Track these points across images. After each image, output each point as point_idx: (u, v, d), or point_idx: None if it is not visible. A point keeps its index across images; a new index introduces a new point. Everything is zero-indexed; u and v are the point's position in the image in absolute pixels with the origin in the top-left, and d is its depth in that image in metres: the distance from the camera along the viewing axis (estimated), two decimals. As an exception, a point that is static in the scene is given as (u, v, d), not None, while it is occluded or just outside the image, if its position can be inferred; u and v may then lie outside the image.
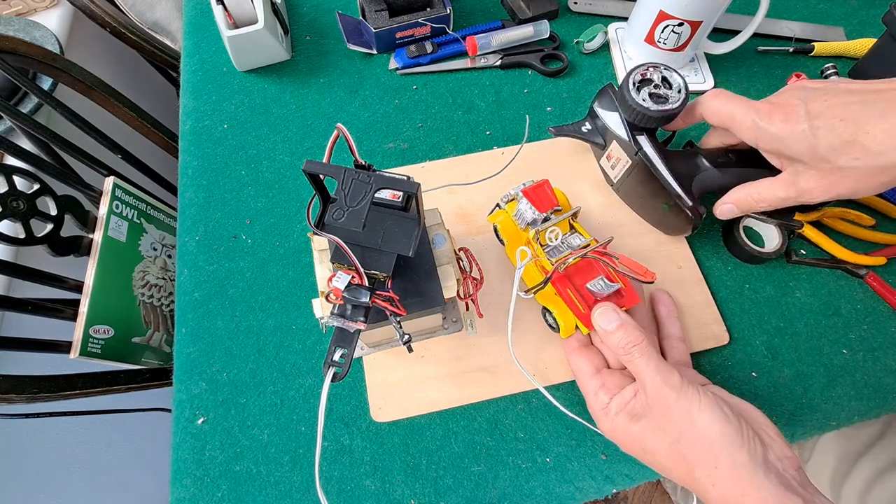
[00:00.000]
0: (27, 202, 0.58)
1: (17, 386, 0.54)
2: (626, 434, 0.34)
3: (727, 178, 0.42)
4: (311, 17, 0.60)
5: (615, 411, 0.34)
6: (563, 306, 0.39)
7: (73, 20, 0.84)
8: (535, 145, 0.51)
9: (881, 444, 0.51)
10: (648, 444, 0.33)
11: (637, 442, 0.33)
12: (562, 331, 0.39)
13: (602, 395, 0.35)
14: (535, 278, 0.40)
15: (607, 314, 0.36)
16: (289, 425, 0.41)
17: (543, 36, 0.56)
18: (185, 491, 0.39)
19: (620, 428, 0.34)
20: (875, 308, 0.44)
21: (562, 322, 0.38)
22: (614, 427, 0.34)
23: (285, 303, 0.45)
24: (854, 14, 0.59)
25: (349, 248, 0.27)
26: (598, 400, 0.35)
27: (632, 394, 0.34)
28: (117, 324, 0.62)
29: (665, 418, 0.32)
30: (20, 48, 0.58)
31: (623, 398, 0.34)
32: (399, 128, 0.53)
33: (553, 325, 0.40)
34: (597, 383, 0.36)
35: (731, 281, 0.45)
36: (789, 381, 0.42)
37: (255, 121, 0.54)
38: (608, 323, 0.35)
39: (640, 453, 0.34)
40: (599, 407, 0.35)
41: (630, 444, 0.34)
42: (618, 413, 0.34)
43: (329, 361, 0.29)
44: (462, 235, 0.47)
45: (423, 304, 0.31)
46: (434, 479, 0.39)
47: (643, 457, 0.34)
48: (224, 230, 0.48)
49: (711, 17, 0.49)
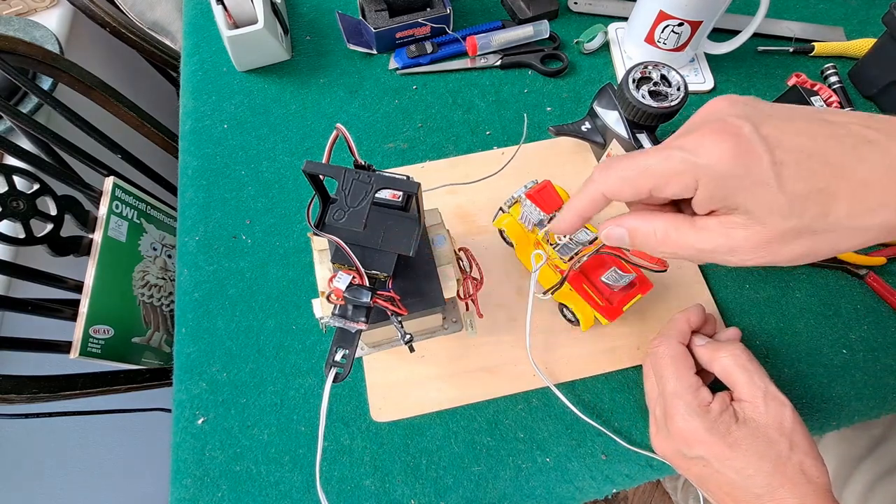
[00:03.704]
0: (27, 202, 0.58)
1: (17, 386, 0.54)
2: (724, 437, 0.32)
3: None
4: (311, 17, 0.60)
5: (719, 410, 0.33)
6: (580, 300, 0.39)
7: (73, 20, 0.84)
8: (536, 145, 0.51)
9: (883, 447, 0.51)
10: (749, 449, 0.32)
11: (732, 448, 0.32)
12: (582, 324, 0.40)
13: (705, 393, 0.34)
14: (549, 277, 0.41)
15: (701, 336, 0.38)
16: (289, 425, 0.41)
17: (543, 36, 0.56)
18: (185, 491, 0.39)
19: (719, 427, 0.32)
20: (875, 308, 0.44)
21: (581, 315, 0.40)
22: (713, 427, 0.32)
23: (285, 303, 0.45)
24: (854, 14, 0.59)
25: (350, 248, 0.27)
26: (699, 396, 0.34)
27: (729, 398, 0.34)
28: (117, 324, 0.62)
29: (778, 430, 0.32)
30: (20, 48, 0.58)
31: (724, 400, 0.34)
32: (399, 128, 0.53)
33: (572, 320, 0.42)
34: (699, 381, 0.35)
35: (731, 281, 0.45)
36: (789, 381, 0.42)
37: (255, 121, 0.54)
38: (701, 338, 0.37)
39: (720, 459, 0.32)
40: (700, 402, 0.33)
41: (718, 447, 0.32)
42: (721, 413, 0.33)
43: (330, 362, 0.29)
44: (462, 235, 0.47)
45: (423, 304, 0.31)
46: (434, 479, 0.39)
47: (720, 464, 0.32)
48: (224, 230, 0.48)
49: (711, 17, 0.49)
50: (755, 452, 0.31)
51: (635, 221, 0.28)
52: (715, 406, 0.33)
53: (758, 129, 0.23)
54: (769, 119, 0.24)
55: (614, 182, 0.27)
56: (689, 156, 0.24)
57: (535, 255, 0.38)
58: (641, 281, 0.40)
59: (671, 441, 0.35)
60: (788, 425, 0.32)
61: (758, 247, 0.24)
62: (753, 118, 0.24)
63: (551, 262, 0.40)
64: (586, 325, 0.40)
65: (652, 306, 0.44)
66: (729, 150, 0.23)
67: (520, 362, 0.42)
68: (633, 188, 0.26)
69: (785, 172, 0.23)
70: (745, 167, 0.23)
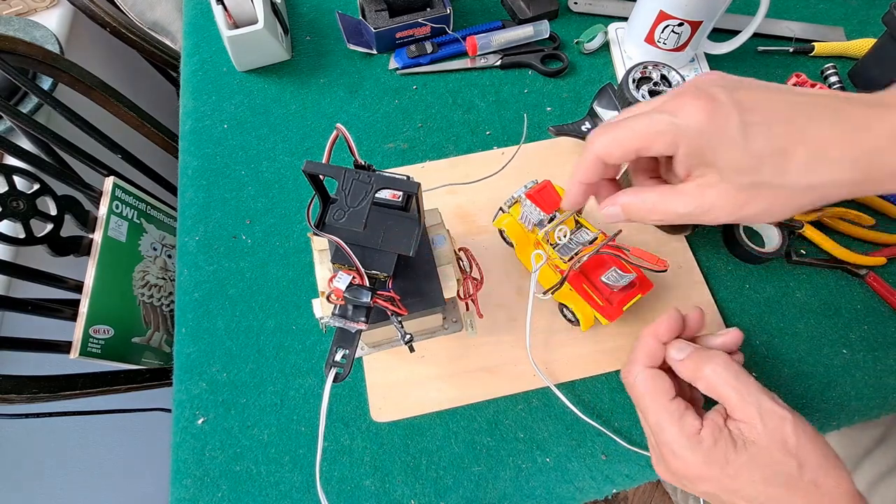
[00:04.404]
0: (27, 202, 0.58)
1: (17, 386, 0.54)
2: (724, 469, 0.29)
3: None
4: (311, 17, 0.60)
5: (712, 440, 0.29)
6: (580, 300, 0.40)
7: (73, 20, 0.84)
8: (536, 145, 0.51)
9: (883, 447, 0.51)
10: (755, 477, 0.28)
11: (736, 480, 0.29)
12: (582, 324, 0.40)
13: (690, 420, 0.30)
14: (549, 277, 0.41)
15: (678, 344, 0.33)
16: (289, 425, 0.41)
17: (543, 36, 0.56)
18: (185, 491, 0.39)
19: (717, 459, 0.29)
20: (875, 308, 0.44)
21: (580, 315, 0.40)
22: (709, 460, 0.29)
23: (285, 303, 0.45)
24: (854, 14, 0.59)
25: (350, 248, 0.27)
26: (684, 425, 0.30)
27: (722, 419, 0.30)
28: (117, 324, 0.62)
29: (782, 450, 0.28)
30: (20, 48, 0.58)
31: (716, 424, 0.30)
32: (399, 128, 0.53)
33: (572, 319, 0.42)
34: (681, 406, 0.31)
35: (731, 281, 0.45)
36: (789, 381, 0.42)
37: (255, 121, 0.54)
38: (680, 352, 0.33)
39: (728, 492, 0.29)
40: (687, 434, 0.30)
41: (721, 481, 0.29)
42: (716, 442, 0.29)
43: (330, 362, 0.29)
44: (462, 235, 0.47)
45: (423, 304, 0.31)
46: (434, 479, 0.39)
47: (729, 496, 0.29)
48: (224, 230, 0.48)
49: (711, 17, 0.49)
50: (762, 480, 0.28)
51: (626, 197, 0.31)
52: (706, 434, 0.30)
53: (731, 95, 0.26)
54: (744, 88, 0.27)
55: (607, 144, 0.29)
56: (671, 118, 0.27)
57: (535, 255, 0.38)
58: (641, 281, 0.40)
59: (672, 476, 0.32)
60: (793, 442, 0.29)
61: (727, 204, 0.27)
62: (730, 86, 0.27)
63: (551, 262, 0.40)
64: (586, 325, 0.40)
65: (652, 306, 0.44)
66: (705, 111, 0.26)
67: (520, 362, 0.42)
68: (623, 149, 0.28)
69: (751, 132, 0.25)
70: (718, 126, 0.26)
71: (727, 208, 0.27)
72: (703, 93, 0.26)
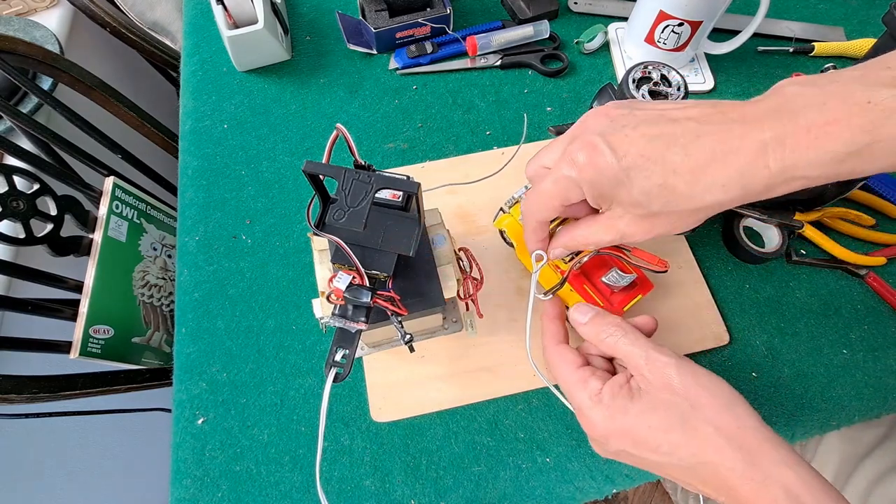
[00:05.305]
0: (27, 202, 0.58)
1: (17, 386, 0.54)
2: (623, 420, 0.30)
3: None
4: (311, 17, 0.60)
5: (610, 395, 0.31)
6: (580, 301, 0.39)
7: (73, 20, 0.84)
8: (536, 145, 0.51)
9: (885, 446, 0.51)
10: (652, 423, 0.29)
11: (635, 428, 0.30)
12: None
13: (594, 382, 0.32)
14: (550, 278, 0.41)
15: (581, 307, 0.35)
16: (289, 425, 0.41)
17: (543, 36, 0.56)
18: (185, 491, 0.39)
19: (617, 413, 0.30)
20: (875, 308, 0.44)
21: None
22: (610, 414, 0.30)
23: (285, 303, 0.45)
24: (854, 14, 0.59)
25: (350, 248, 0.27)
26: (588, 387, 0.32)
27: (625, 378, 0.32)
28: (117, 324, 0.62)
29: (668, 391, 0.29)
30: (20, 48, 0.58)
31: (617, 382, 0.31)
32: (399, 128, 0.53)
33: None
34: (586, 372, 0.33)
35: (731, 281, 0.45)
36: (789, 381, 0.42)
37: (255, 121, 0.54)
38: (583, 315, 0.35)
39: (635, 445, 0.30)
40: (590, 394, 0.31)
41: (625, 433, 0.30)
42: (614, 397, 0.31)
43: (330, 362, 0.29)
44: (462, 235, 0.47)
45: (423, 304, 0.31)
46: (434, 479, 0.39)
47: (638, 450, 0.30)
48: (224, 230, 0.48)
49: (711, 17, 0.49)
50: (660, 426, 0.29)
51: (563, 238, 0.35)
52: (605, 391, 0.31)
53: (607, 141, 0.29)
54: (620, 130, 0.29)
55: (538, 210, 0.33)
56: (570, 172, 0.30)
57: (536, 256, 0.38)
58: (642, 281, 0.40)
59: (593, 442, 0.33)
60: (677, 382, 0.29)
61: (638, 230, 0.31)
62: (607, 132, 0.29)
63: (552, 263, 0.40)
64: None
65: (652, 307, 0.44)
66: (591, 163, 0.29)
67: (520, 362, 0.42)
68: (550, 208, 0.32)
69: (631, 175, 0.28)
70: (605, 175, 0.29)
71: (639, 233, 0.31)
72: (587, 143, 0.29)
